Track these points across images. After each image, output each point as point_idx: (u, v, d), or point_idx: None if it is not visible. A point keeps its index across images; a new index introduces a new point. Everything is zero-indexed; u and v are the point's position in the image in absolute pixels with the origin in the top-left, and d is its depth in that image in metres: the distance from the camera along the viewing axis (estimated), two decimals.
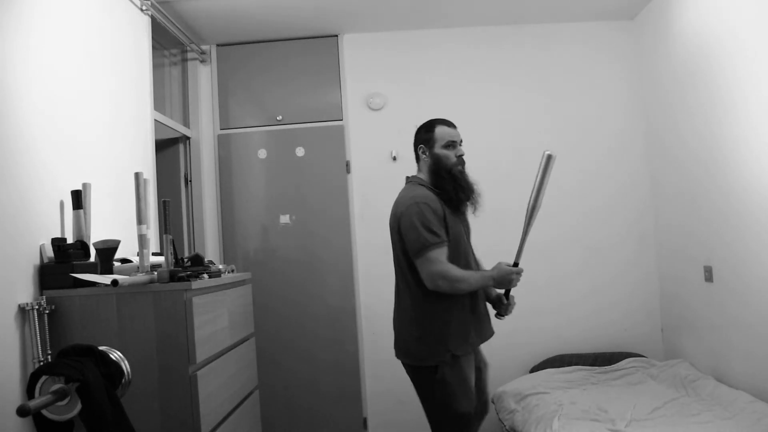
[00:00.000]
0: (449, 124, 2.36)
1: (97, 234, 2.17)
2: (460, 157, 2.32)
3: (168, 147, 3.70)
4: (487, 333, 2.39)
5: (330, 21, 3.66)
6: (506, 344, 2.59)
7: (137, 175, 2.16)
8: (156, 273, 1.96)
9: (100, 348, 1.66)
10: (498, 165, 3.73)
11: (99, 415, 1.49)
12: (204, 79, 3.85)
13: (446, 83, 3.82)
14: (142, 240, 2.15)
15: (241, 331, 2.50)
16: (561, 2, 3.54)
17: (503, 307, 2.38)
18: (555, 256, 3.74)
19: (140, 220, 2.15)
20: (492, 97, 3.82)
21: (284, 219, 3.79)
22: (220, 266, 2.42)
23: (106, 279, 1.90)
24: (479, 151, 3.76)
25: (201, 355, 1.98)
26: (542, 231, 3.71)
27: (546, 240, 3.74)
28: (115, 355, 1.68)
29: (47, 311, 1.88)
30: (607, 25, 3.82)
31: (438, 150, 2.32)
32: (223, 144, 3.83)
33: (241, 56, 3.87)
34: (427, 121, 2.40)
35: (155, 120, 3.08)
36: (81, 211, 2.08)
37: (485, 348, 2.48)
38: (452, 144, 2.32)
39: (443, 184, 2.29)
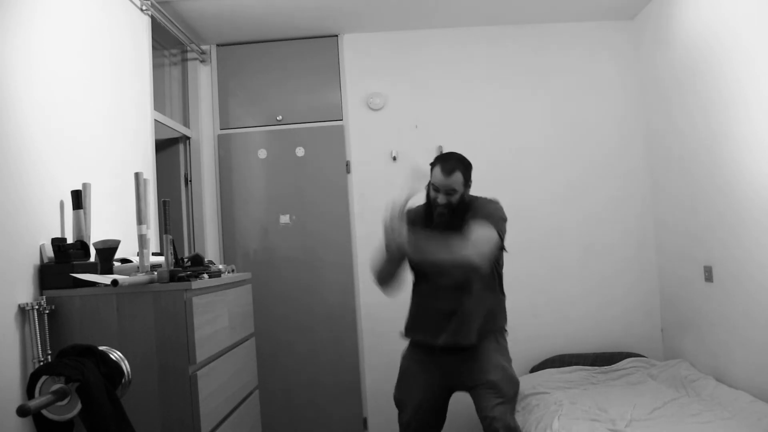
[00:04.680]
0: (445, 170, 2.34)
1: (97, 234, 2.17)
2: (440, 204, 2.35)
3: (168, 147, 3.70)
4: (434, 336, 2.37)
5: (330, 21, 3.66)
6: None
7: (137, 175, 2.16)
8: (156, 273, 1.96)
9: (100, 348, 1.66)
10: (497, 165, 3.73)
11: (99, 415, 1.49)
12: (204, 79, 3.85)
13: (446, 83, 3.82)
14: (142, 240, 2.15)
15: (241, 331, 2.50)
16: (561, 2, 3.55)
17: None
18: (555, 255, 3.74)
19: (140, 220, 2.15)
20: (492, 96, 3.82)
21: (284, 219, 3.79)
22: (220, 266, 2.42)
23: (106, 279, 1.90)
24: (479, 151, 3.77)
25: (201, 355, 1.98)
26: (542, 231, 3.74)
27: (546, 239, 3.74)
28: (115, 355, 1.68)
29: (47, 311, 1.88)
30: (607, 25, 3.82)
31: (430, 185, 2.41)
32: (223, 144, 3.83)
33: (241, 56, 3.87)
34: (439, 155, 2.47)
35: (155, 120, 3.08)
36: (81, 211, 2.08)
37: None
38: (436, 189, 2.37)
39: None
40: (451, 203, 2.34)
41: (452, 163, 2.35)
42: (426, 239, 2.30)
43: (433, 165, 2.40)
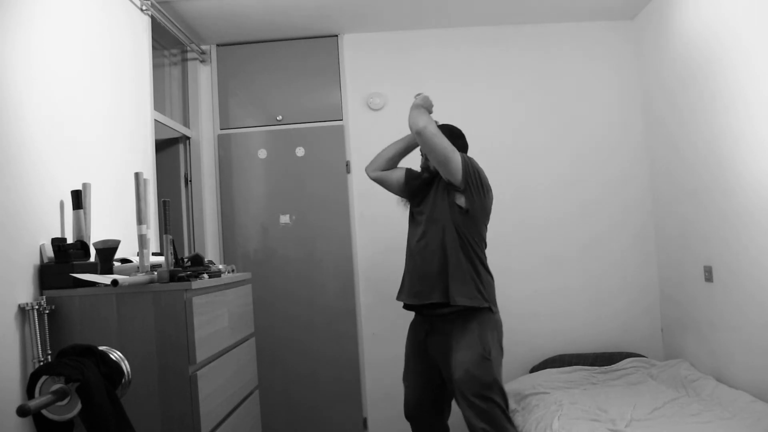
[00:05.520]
0: None
1: (97, 234, 2.17)
2: (421, 164, 2.72)
3: (168, 147, 3.70)
4: (416, 293, 2.52)
5: (330, 21, 3.66)
6: (506, 344, 2.58)
7: (137, 175, 2.17)
8: (156, 273, 1.96)
9: (100, 348, 1.66)
10: (497, 164, 3.71)
11: (99, 415, 1.49)
12: (204, 79, 3.85)
13: (446, 83, 3.82)
14: (142, 240, 2.15)
15: (241, 331, 2.50)
16: (561, 2, 3.54)
17: None
18: (554, 255, 3.74)
19: (140, 220, 2.15)
20: (492, 96, 3.82)
21: (284, 219, 3.78)
22: (220, 266, 2.42)
23: (106, 279, 1.90)
24: (478, 151, 3.76)
25: (201, 355, 1.98)
26: (542, 230, 3.74)
27: (545, 240, 3.74)
28: (115, 355, 1.68)
29: (47, 311, 1.88)
30: (607, 25, 3.82)
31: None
32: (223, 144, 3.83)
33: (241, 56, 3.87)
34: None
35: (155, 120, 3.08)
36: (81, 211, 2.08)
37: None
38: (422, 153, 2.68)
39: None
40: (428, 165, 2.61)
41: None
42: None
43: None
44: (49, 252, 1.98)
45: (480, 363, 2.37)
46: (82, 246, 2.03)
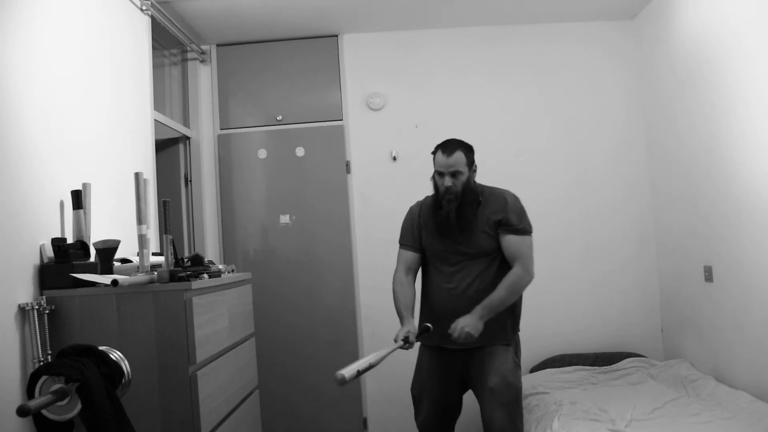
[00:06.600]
0: (446, 151, 2.35)
1: (97, 234, 2.17)
2: (447, 188, 2.34)
3: (168, 147, 3.70)
4: (437, 332, 2.34)
5: (330, 21, 3.66)
6: None
7: (137, 175, 2.17)
8: (156, 273, 1.96)
9: (100, 348, 1.66)
10: (498, 164, 3.72)
11: (99, 415, 1.50)
12: (204, 79, 3.85)
13: (446, 83, 3.82)
14: (142, 240, 2.15)
15: (241, 331, 2.50)
16: (561, 2, 3.54)
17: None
18: (555, 255, 3.74)
19: (140, 220, 2.15)
20: (492, 97, 3.82)
21: (284, 219, 3.79)
22: (220, 266, 2.42)
23: (106, 279, 1.90)
24: (479, 152, 3.75)
25: (201, 355, 1.98)
26: (542, 230, 3.72)
27: (546, 239, 3.72)
28: (115, 355, 1.68)
29: (47, 311, 1.88)
30: (607, 25, 3.82)
31: (435, 173, 2.41)
32: (223, 144, 3.83)
33: (241, 56, 3.87)
34: (440, 142, 2.44)
35: (155, 120, 3.08)
36: (81, 211, 2.08)
37: None
38: (440, 173, 2.37)
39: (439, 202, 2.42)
40: (456, 187, 2.33)
41: (453, 145, 2.36)
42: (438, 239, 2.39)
43: (434, 153, 2.41)
44: (49, 252, 1.98)
45: (514, 371, 2.36)
46: (82, 246, 2.03)
